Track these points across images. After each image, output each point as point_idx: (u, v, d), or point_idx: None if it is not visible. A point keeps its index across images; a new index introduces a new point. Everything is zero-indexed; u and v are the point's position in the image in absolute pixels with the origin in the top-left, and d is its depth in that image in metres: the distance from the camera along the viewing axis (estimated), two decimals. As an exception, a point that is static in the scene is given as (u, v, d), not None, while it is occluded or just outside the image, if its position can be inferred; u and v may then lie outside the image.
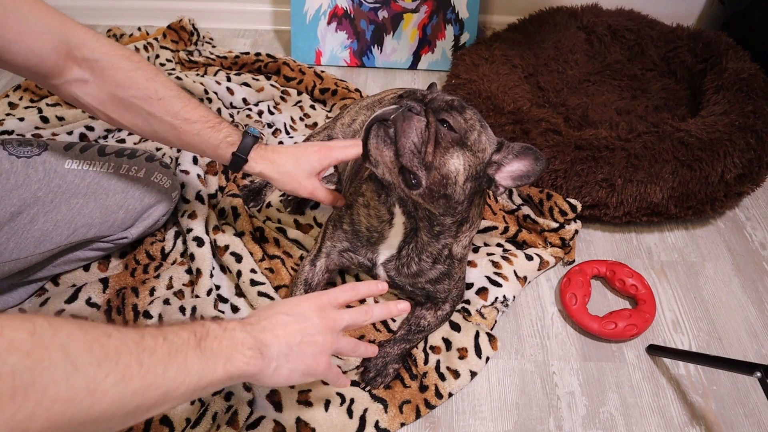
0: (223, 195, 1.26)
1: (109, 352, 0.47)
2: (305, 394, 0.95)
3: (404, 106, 0.80)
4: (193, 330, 0.56)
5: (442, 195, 0.83)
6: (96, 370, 0.45)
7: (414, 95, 0.85)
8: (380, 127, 0.80)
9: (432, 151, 0.80)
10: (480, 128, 0.84)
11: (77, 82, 0.80)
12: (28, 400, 0.41)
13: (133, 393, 0.48)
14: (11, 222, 0.93)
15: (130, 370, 0.48)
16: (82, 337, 0.46)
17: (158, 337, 0.52)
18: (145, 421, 0.91)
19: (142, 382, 0.48)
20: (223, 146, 0.90)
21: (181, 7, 1.86)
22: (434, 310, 1.04)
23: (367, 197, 0.96)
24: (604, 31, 1.73)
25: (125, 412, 0.48)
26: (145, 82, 0.83)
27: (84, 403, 0.44)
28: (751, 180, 1.30)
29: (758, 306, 1.19)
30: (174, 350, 0.52)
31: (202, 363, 0.54)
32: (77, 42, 0.78)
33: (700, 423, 0.99)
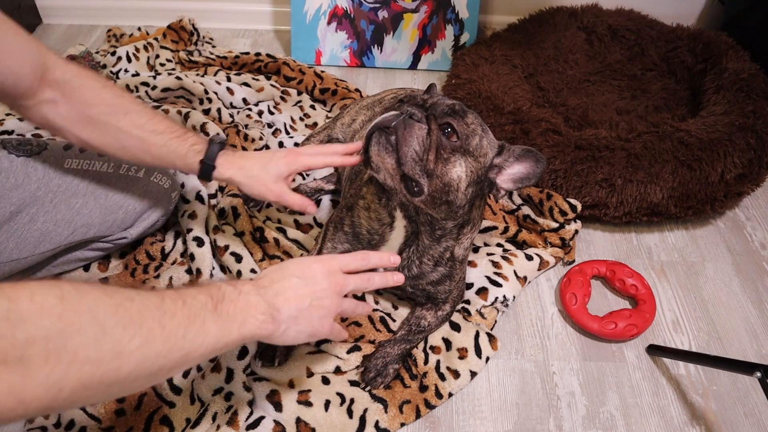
0: (223, 195, 1.26)
1: (133, 315, 0.49)
2: (305, 394, 0.95)
3: (405, 112, 0.80)
4: (210, 293, 0.58)
5: (445, 201, 0.83)
6: (122, 332, 0.47)
7: (414, 100, 0.85)
8: (381, 134, 0.79)
9: (434, 159, 0.79)
10: (481, 132, 0.84)
11: (48, 103, 0.82)
12: (60, 362, 0.43)
13: (156, 355, 0.50)
14: (11, 221, 0.93)
15: (153, 333, 0.50)
16: (108, 301, 0.48)
17: (177, 301, 0.54)
18: (145, 421, 0.91)
19: (164, 344, 0.51)
20: (191, 155, 0.92)
21: (181, 7, 1.86)
22: (434, 310, 1.04)
23: (368, 200, 0.96)
24: (604, 31, 1.73)
25: (149, 372, 0.50)
26: (111, 98, 0.86)
27: (112, 365, 0.46)
28: (751, 180, 1.30)
29: (758, 306, 1.19)
30: (193, 314, 0.54)
31: (218, 326, 0.57)
32: (50, 65, 0.81)
33: (700, 423, 0.99)
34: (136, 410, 0.93)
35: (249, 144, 1.39)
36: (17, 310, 0.42)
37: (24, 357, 0.41)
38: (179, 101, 1.50)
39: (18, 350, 0.41)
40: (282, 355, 0.98)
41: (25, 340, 0.41)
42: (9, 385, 0.40)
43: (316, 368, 0.99)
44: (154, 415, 0.92)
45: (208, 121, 1.35)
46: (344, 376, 0.99)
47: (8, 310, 0.41)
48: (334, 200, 1.31)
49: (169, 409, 0.93)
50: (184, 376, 0.97)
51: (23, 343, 0.41)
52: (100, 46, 1.82)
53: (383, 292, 1.13)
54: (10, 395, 0.40)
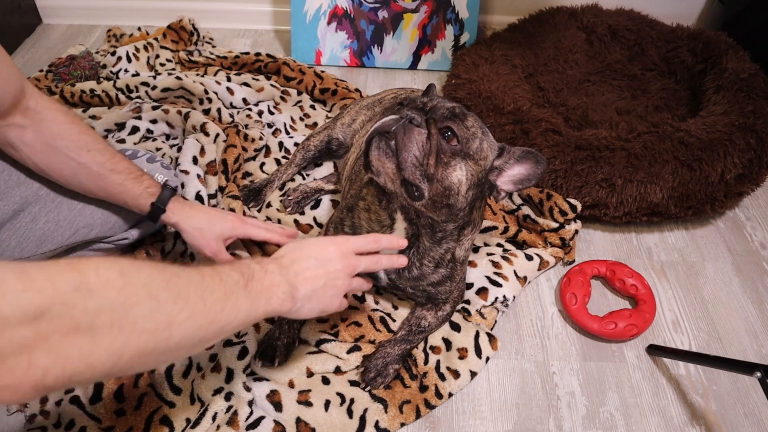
0: (223, 195, 1.26)
1: (181, 290, 0.54)
2: (305, 394, 0.95)
3: (405, 117, 0.80)
4: (241, 271, 0.64)
5: (445, 205, 0.83)
6: (172, 305, 0.52)
7: (414, 103, 0.85)
8: (381, 139, 0.79)
9: (434, 163, 0.79)
10: (482, 135, 0.84)
11: (17, 128, 0.85)
12: (122, 331, 0.47)
13: (198, 327, 0.55)
14: (13, 220, 0.93)
15: (197, 307, 0.55)
16: (159, 276, 0.52)
17: (215, 278, 0.59)
18: (145, 421, 0.91)
19: (206, 317, 0.56)
20: (144, 196, 0.96)
21: (181, 7, 1.86)
22: (435, 310, 1.04)
23: (368, 201, 0.96)
24: (604, 31, 1.73)
25: (192, 343, 0.55)
26: (77, 135, 0.90)
27: (164, 335, 0.51)
28: (751, 180, 1.30)
29: (758, 306, 1.19)
30: (228, 291, 0.60)
31: (248, 303, 0.62)
32: (27, 92, 0.84)
33: (700, 423, 0.99)
34: (136, 410, 0.93)
35: (249, 144, 1.39)
36: (86, 282, 0.45)
37: (92, 326, 0.45)
38: (179, 101, 1.50)
39: (88, 319, 0.45)
40: (282, 355, 0.98)
41: (93, 311, 0.45)
42: (80, 351, 0.44)
43: (316, 368, 0.99)
44: (154, 415, 0.92)
45: (208, 121, 1.35)
46: (344, 376, 0.99)
47: (79, 282, 0.45)
48: (334, 200, 1.31)
49: (169, 409, 0.93)
50: (184, 376, 0.97)
51: (92, 313, 0.45)
52: (100, 46, 1.82)
53: (383, 292, 1.13)
54: (81, 360, 0.45)
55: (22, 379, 0.42)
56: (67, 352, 0.44)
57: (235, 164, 1.32)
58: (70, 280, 0.45)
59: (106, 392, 0.94)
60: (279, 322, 1.02)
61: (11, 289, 0.41)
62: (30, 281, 0.42)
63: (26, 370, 0.42)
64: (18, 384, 0.42)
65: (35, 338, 0.42)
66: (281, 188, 1.32)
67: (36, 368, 0.42)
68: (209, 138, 1.31)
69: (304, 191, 1.29)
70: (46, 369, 0.43)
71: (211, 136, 1.32)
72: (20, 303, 0.41)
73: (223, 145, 1.33)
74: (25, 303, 0.41)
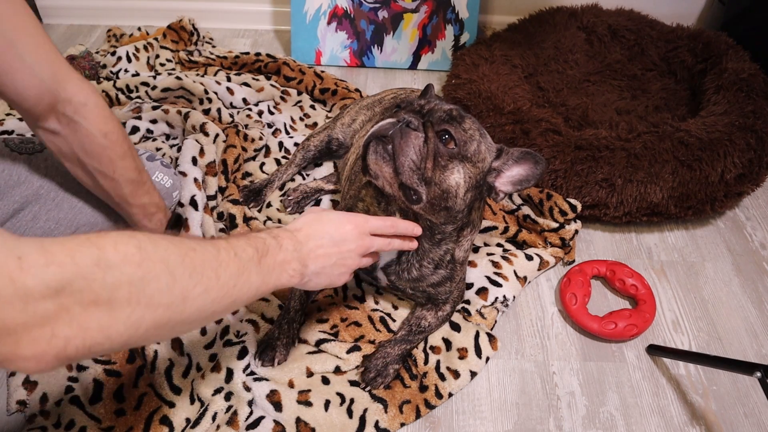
0: (223, 198, 1.26)
1: (196, 265, 0.54)
2: (305, 394, 0.95)
3: (402, 120, 0.79)
4: (256, 247, 0.64)
5: (444, 207, 0.83)
6: (188, 280, 0.53)
7: (411, 106, 0.84)
8: (378, 143, 0.79)
9: (431, 167, 0.79)
10: (479, 138, 0.83)
11: (49, 132, 0.83)
12: (139, 305, 0.48)
13: (212, 301, 0.56)
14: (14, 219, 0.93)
15: (211, 282, 0.56)
16: (176, 250, 0.53)
17: (230, 252, 0.60)
18: (145, 421, 0.91)
19: (219, 292, 0.57)
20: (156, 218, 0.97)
21: (181, 7, 1.86)
22: (435, 310, 1.04)
23: (367, 202, 0.96)
24: (604, 31, 1.73)
25: (204, 316, 0.56)
26: (108, 162, 0.88)
27: (179, 308, 0.52)
28: (751, 180, 1.30)
29: (758, 306, 1.19)
30: (242, 266, 0.61)
31: (260, 278, 0.63)
32: (65, 97, 0.79)
33: (700, 423, 0.99)
34: (135, 410, 0.93)
35: (249, 144, 1.39)
36: (105, 257, 0.46)
37: (111, 299, 0.46)
38: (179, 101, 1.50)
39: (107, 293, 0.46)
40: (281, 355, 0.98)
41: (112, 284, 0.46)
42: (99, 323, 0.46)
43: (316, 368, 0.99)
44: (153, 415, 0.92)
45: (208, 121, 1.35)
46: (344, 376, 0.99)
47: (98, 257, 0.46)
48: (334, 200, 1.31)
49: (169, 409, 0.93)
50: (183, 376, 0.97)
51: (111, 287, 0.46)
52: (100, 46, 1.82)
53: (383, 292, 1.13)
54: (100, 332, 0.46)
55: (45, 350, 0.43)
56: (87, 323, 0.45)
57: (234, 164, 1.32)
58: (89, 254, 0.46)
59: (106, 392, 0.94)
60: (279, 322, 1.02)
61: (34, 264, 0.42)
62: (51, 256, 0.43)
63: (49, 341, 0.43)
64: (41, 354, 0.43)
65: (57, 310, 0.43)
66: (281, 188, 1.32)
67: (58, 339, 0.44)
68: (209, 138, 1.31)
69: (304, 191, 1.29)
70: (68, 340, 0.44)
71: (211, 137, 1.32)
72: (43, 277, 0.42)
73: (223, 146, 1.33)
74: (48, 277, 0.42)
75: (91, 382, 0.95)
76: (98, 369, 0.96)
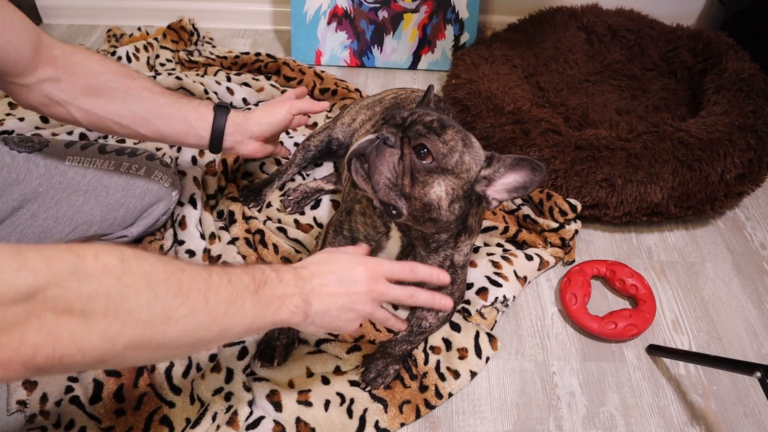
0: (222, 197, 1.26)
1: (183, 285, 0.52)
2: (305, 394, 0.95)
3: (380, 137, 0.79)
4: (254, 276, 0.61)
5: (428, 219, 0.82)
6: (172, 300, 0.51)
7: (394, 119, 0.83)
8: (358, 160, 0.79)
9: (410, 183, 0.78)
10: (462, 148, 0.80)
11: (50, 81, 0.82)
12: (117, 319, 0.47)
13: (198, 326, 0.54)
14: (12, 217, 0.93)
15: (198, 305, 0.53)
16: (162, 268, 0.51)
17: (223, 278, 0.57)
18: (145, 421, 0.91)
19: (207, 317, 0.54)
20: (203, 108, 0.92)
21: (181, 7, 1.86)
22: (435, 311, 1.04)
23: (364, 205, 0.96)
24: (604, 31, 1.73)
25: (190, 342, 0.54)
26: (116, 67, 0.87)
27: (160, 329, 0.50)
28: (751, 180, 1.30)
29: (758, 306, 1.19)
30: (235, 294, 0.58)
31: (256, 309, 0.60)
32: (47, 42, 0.81)
33: (700, 423, 0.99)
34: (135, 410, 0.93)
35: (249, 144, 1.39)
36: (83, 266, 0.45)
37: (86, 310, 0.45)
38: (179, 101, 1.50)
39: (82, 303, 0.44)
40: (281, 356, 0.98)
41: (88, 295, 0.45)
42: (71, 333, 0.44)
43: (316, 368, 0.99)
44: (153, 415, 0.92)
45: (208, 121, 1.35)
46: (344, 376, 0.99)
47: (76, 266, 0.45)
48: (334, 200, 1.31)
49: (169, 409, 0.93)
50: (183, 376, 0.97)
51: (87, 297, 0.45)
52: (100, 46, 1.82)
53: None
54: (72, 342, 0.44)
55: (12, 356, 0.42)
56: (58, 332, 0.44)
57: (234, 164, 1.32)
58: (66, 262, 0.44)
59: (105, 392, 0.94)
60: (279, 322, 1.01)
61: (6, 268, 0.41)
62: (25, 261, 0.42)
63: (17, 347, 0.42)
64: (8, 361, 0.42)
65: (27, 316, 0.42)
66: (281, 188, 1.32)
67: (26, 346, 0.42)
68: (209, 138, 1.31)
69: (304, 191, 1.29)
70: (37, 347, 0.43)
71: (211, 136, 1.32)
72: (14, 282, 0.41)
73: (223, 145, 1.33)
74: (19, 282, 0.41)
75: (91, 382, 0.94)
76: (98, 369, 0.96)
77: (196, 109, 0.91)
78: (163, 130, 0.90)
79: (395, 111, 0.86)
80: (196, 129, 0.91)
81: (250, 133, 0.95)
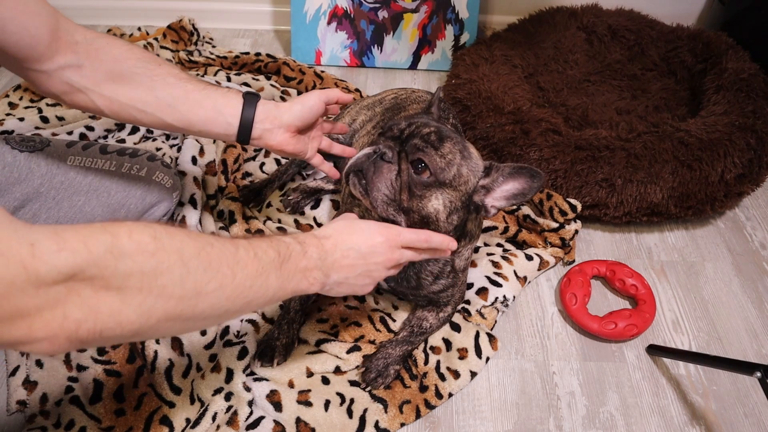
0: (222, 197, 1.26)
1: (212, 260, 0.54)
2: (305, 394, 0.95)
3: (377, 152, 0.79)
4: (279, 250, 0.63)
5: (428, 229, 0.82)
6: (202, 275, 0.53)
7: (391, 131, 0.82)
8: (356, 176, 0.79)
9: (407, 198, 0.78)
10: (460, 161, 0.80)
11: (71, 68, 0.78)
12: (151, 294, 0.49)
13: (225, 299, 0.56)
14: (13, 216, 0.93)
15: (226, 279, 0.55)
16: (192, 244, 0.53)
17: (250, 252, 0.59)
18: (145, 421, 0.91)
19: (233, 291, 0.56)
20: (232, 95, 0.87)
21: (181, 7, 1.86)
22: (436, 312, 1.04)
23: (362, 209, 0.96)
24: (604, 31, 1.73)
25: (218, 314, 0.56)
26: (141, 53, 0.83)
27: (191, 302, 0.52)
28: (751, 180, 1.30)
29: (758, 306, 1.19)
30: (261, 268, 0.60)
31: (279, 283, 0.62)
32: (67, 27, 0.77)
33: (700, 423, 0.99)
34: (135, 410, 0.93)
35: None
36: (119, 245, 0.47)
37: (123, 286, 0.47)
38: (179, 101, 1.50)
39: (118, 280, 0.46)
40: (281, 356, 0.98)
41: (124, 273, 0.47)
42: (110, 308, 0.46)
43: (316, 368, 0.99)
44: (153, 415, 0.92)
45: (208, 121, 1.35)
46: (344, 376, 0.99)
47: (111, 244, 0.46)
48: (334, 200, 1.31)
49: (169, 409, 0.93)
50: (183, 376, 0.97)
51: (123, 274, 0.47)
52: (100, 46, 1.81)
53: (383, 292, 1.13)
54: (111, 317, 0.47)
55: (57, 332, 0.44)
56: (98, 307, 0.46)
57: (234, 164, 1.32)
58: (102, 241, 0.46)
59: (105, 392, 0.94)
60: (279, 322, 1.02)
61: (46, 250, 0.42)
62: (64, 242, 0.43)
63: (61, 323, 0.44)
64: (54, 336, 0.44)
65: (68, 293, 0.44)
66: (281, 188, 1.32)
67: (70, 321, 0.44)
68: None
69: (304, 191, 1.29)
70: (79, 322, 0.45)
71: (211, 136, 1.32)
72: (55, 263, 0.42)
73: (223, 146, 1.33)
74: (60, 263, 0.43)
75: (91, 382, 0.95)
76: (98, 369, 0.96)
77: (225, 95, 0.86)
78: (190, 117, 0.85)
79: (392, 122, 0.85)
80: (225, 116, 0.86)
81: (280, 122, 0.88)
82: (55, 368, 0.96)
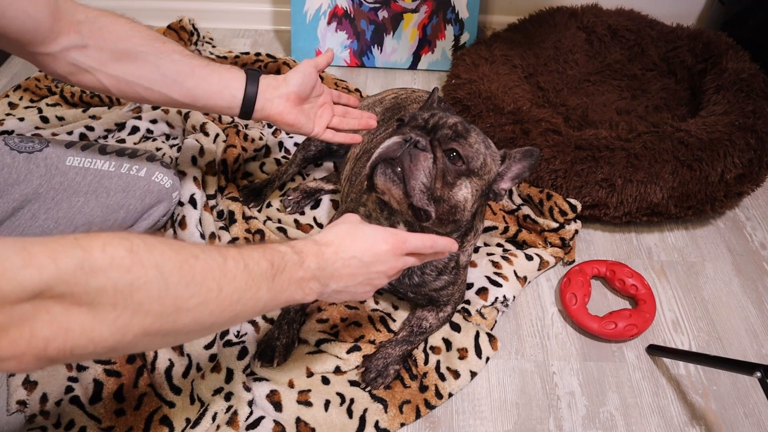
0: (222, 197, 1.26)
1: (196, 274, 0.51)
2: (305, 394, 0.95)
3: (410, 141, 0.78)
4: (272, 261, 0.59)
5: (452, 221, 0.84)
6: (184, 290, 0.50)
7: (416, 121, 0.84)
8: (387, 165, 0.78)
9: (441, 186, 0.79)
10: (485, 150, 0.84)
11: (75, 48, 0.78)
12: (126, 311, 0.46)
13: (209, 313, 0.53)
14: (12, 217, 0.93)
15: (211, 293, 0.52)
16: (174, 257, 0.50)
17: (240, 263, 0.55)
18: (145, 421, 0.91)
19: (218, 305, 0.53)
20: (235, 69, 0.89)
21: (181, 7, 1.86)
22: (436, 312, 1.04)
23: (369, 208, 0.96)
24: (604, 31, 1.73)
25: (202, 327, 0.53)
26: (146, 31, 0.84)
27: (170, 318, 0.49)
28: (751, 180, 1.30)
29: (758, 306, 1.19)
30: (251, 281, 0.56)
31: (270, 295, 0.59)
32: (67, 7, 0.77)
33: (700, 423, 0.99)
34: (135, 410, 0.93)
35: (249, 144, 1.38)
36: (90, 260, 0.44)
37: (95, 303, 0.44)
38: (179, 101, 1.50)
39: (90, 297, 0.44)
40: (281, 356, 0.98)
41: (96, 289, 0.44)
42: (81, 326, 0.44)
43: (316, 368, 0.99)
44: (154, 415, 0.92)
45: (208, 121, 1.35)
46: (344, 376, 0.99)
47: (82, 259, 0.44)
48: (334, 200, 1.31)
49: (169, 409, 0.93)
50: (183, 376, 0.97)
51: (95, 291, 0.44)
52: (100, 46, 1.82)
53: (383, 292, 1.13)
54: (82, 334, 0.44)
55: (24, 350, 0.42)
56: (68, 324, 0.43)
57: (234, 164, 1.32)
58: (73, 256, 0.43)
59: (105, 392, 0.94)
60: (278, 322, 1.01)
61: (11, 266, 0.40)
62: (30, 258, 0.41)
63: (29, 341, 0.42)
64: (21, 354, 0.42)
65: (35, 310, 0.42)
66: (281, 188, 1.32)
67: (38, 339, 0.42)
68: (209, 138, 1.31)
69: (304, 191, 1.29)
70: (48, 340, 0.43)
71: (211, 136, 1.32)
72: (20, 280, 0.40)
73: (223, 146, 1.33)
74: (24, 280, 0.40)
75: (91, 382, 0.95)
76: (98, 369, 0.96)
77: (229, 71, 0.89)
78: (196, 91, 0.87)
79: (413, 112, 0.87)
80: (230, 89, 0.88)
81: (278, 92, 0.91)
82: (55, 368, 0.96)
